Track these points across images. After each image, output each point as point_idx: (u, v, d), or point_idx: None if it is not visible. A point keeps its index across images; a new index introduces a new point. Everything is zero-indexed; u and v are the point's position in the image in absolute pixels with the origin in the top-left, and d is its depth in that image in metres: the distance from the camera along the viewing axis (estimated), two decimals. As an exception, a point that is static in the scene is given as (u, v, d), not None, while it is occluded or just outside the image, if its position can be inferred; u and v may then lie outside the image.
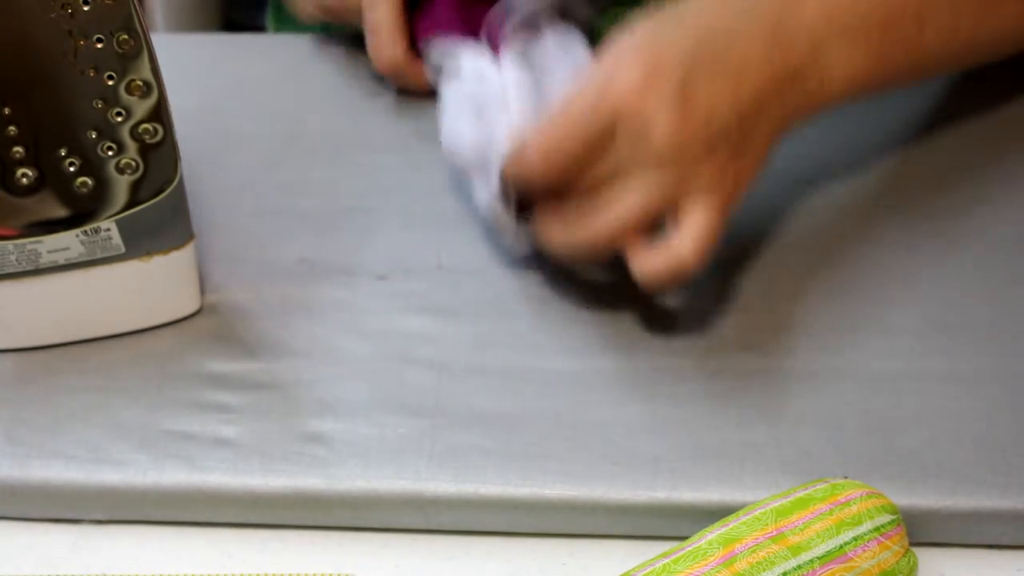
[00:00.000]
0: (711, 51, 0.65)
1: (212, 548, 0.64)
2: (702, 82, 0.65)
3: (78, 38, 0.61)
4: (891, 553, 0.59)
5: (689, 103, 0.65)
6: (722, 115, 0.65)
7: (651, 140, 0.64)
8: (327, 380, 0.68)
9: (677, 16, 0.67)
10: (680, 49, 0.65)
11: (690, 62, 0.65)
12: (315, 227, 0.76)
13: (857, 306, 0.72)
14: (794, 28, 0.67)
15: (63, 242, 0.65)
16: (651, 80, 0.64)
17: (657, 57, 0.65)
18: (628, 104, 0.64)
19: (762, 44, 0.67)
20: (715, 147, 0.66)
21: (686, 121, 0.64)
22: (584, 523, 0.64)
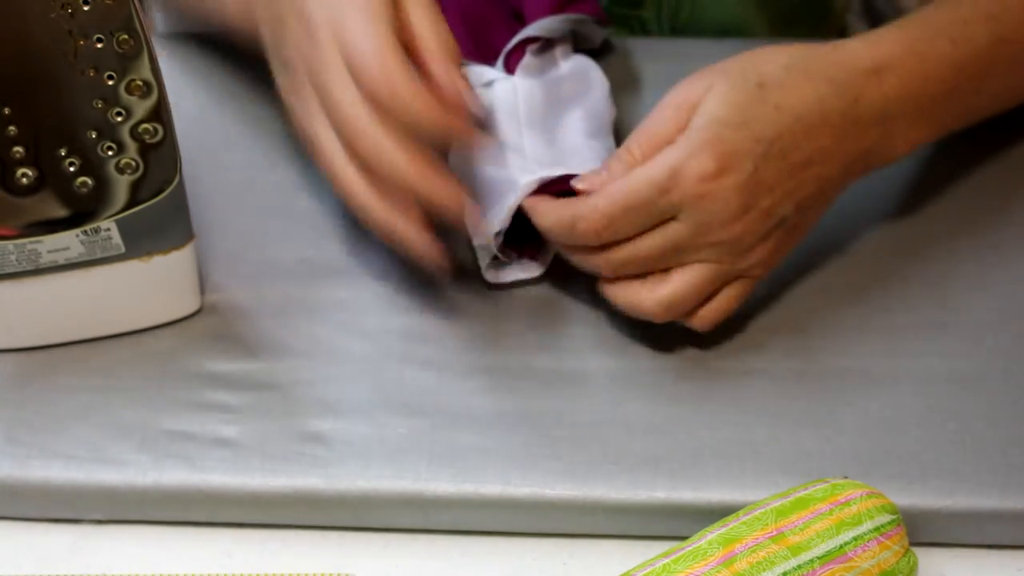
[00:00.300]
0: (787, 144, 0.66)
1: (212, 548, 0.64)
2: (769, 175, 0.66)
3: (78, 38, 0.61)
4: (891, 553, 0.59)
5: (754, 198, 0.66)
6: (784, 208, 0.67)
7: (712, 229, 0.66)
8: (327, 380, 0.68)
9: (762, 95, 0.66)
10: (756, 141, 0.65)
11: (763, 156, 0.65)
12: (315, 227, 0.75)
13: (857, 307, 0.72)
14: (869, 113, 0.68)
15: (63, 242, 0.65)
16: (723, 172, 0.65)
17: (733, 148, 0.65)
18: (696, 193, 0.65)
19: (838, 134, 0.67)
20: (771, 234, 0.67)
21: (748, 215, 0.66)
22: (584, 523, 0.64)
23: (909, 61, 0.69)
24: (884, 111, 0.69)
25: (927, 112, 0.70)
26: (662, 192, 0.65)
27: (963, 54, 0.71)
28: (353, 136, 0.65)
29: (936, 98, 0.70)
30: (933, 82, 0.70)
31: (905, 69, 0.69)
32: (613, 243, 0.67)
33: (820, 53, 0.69)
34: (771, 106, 0.66)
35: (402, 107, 0.63)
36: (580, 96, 0.75)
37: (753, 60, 0.68)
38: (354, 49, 0.64)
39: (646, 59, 0.85)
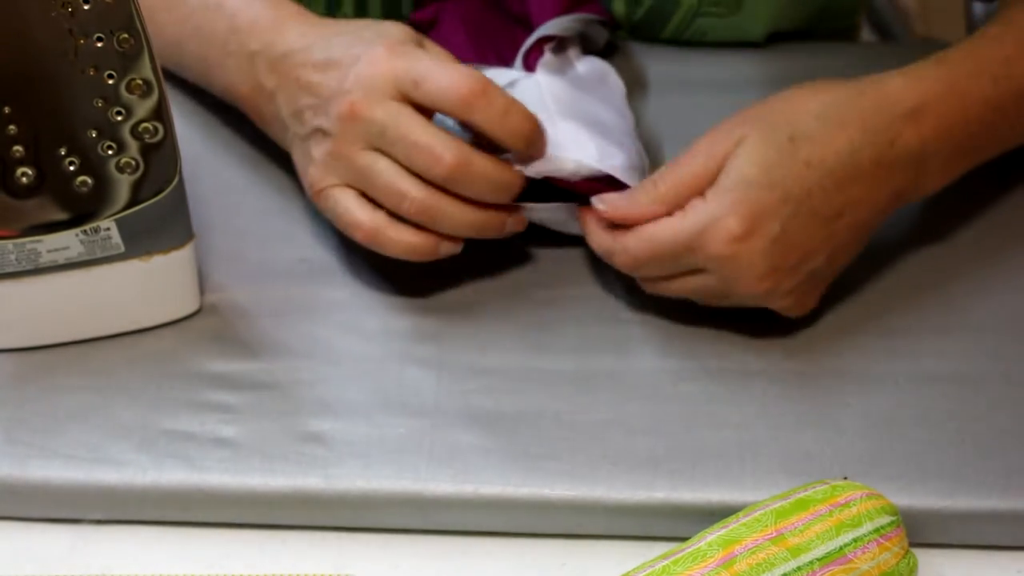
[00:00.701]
0: (816, 201, 0.66)
1: (211, 548, 0.64)
2: (798, 233, 0.66)
3: (79, 37, 0.61)
4: (891, 554, 0.59)
5: (780, 256, 0.66)
6: (814, 260, 0.67)
7: (739, 285, 0.66)
8: (327, 380, 0.68)
9: (792, 151, 0.66)
10: (784, 201, 0.65)
11: (791, 216, 0.65)
12: (315, 227, 0.75)
13: (857, 308, 0.72)
14: (906, 155, 0.68)
15: (63, 241, 0.65)
16: (748, 235, 0.65)
17: (760, 210, 0.65)
18: (723, 255, 0.65)
19: (870, 182, 0.67)
20: (800, 285, 0.68)
21: (775, 273, 0.66)
22: (584, 523, 0.64)
23: (950, 101, 0.69)
24: (921, 152, 0.68)
25: (963, 150, 0.70)
26: (688, 250, 0.66)
27: (1004, 92, 0.70)
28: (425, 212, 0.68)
29: (974, 136, 0.70)
30: (972, 123, 0.69)
31: (945, 109, 0.68)
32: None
33: (856, 95, 0.68)
34: (801, 163, 0.66)
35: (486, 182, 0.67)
36: (602, 94, 0.75)
37: (786, 109, 0.67)
38: (412, 147, 0.66)
39: (649, 62, 0.85)
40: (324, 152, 0.68)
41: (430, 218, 0.68)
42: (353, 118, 0.67)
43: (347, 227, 0.69)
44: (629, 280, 0.72)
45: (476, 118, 0.67)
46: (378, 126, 0.67)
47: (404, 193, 0.67)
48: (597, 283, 0.73)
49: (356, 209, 0.68)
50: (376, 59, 0.67)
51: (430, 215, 0.67)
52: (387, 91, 0.67)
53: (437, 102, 0.67)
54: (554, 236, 0.74)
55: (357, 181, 0.68)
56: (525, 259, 0.74)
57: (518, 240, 0.74)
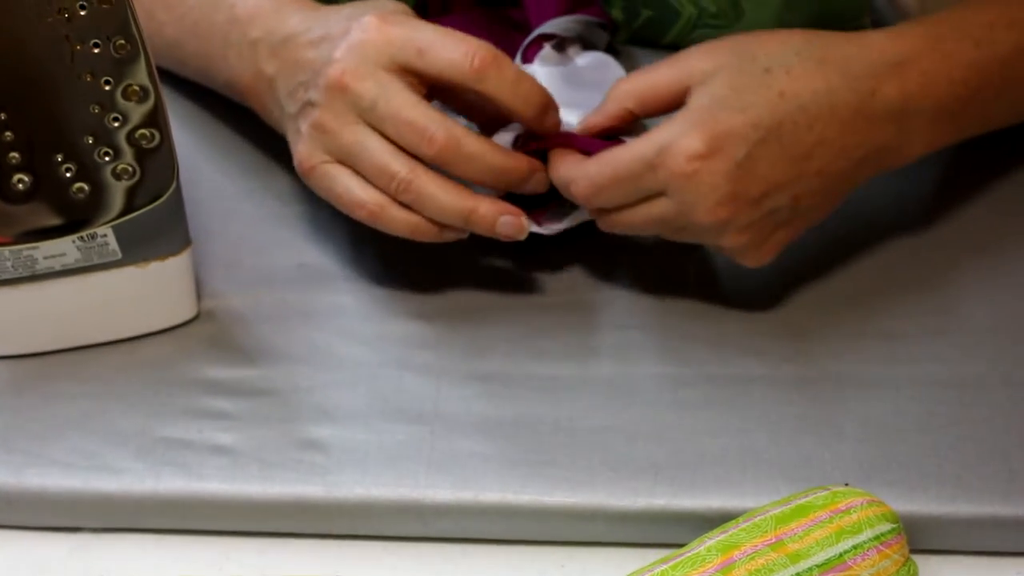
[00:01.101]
0: (786, 134, 0.65)
1: (210, 551, 0.64)
2: (763, 163, 0.65)
3: (75, 43, 0.60)
4: (891, 562, 0.59)
5: (742, 183, 0.64)
6: (777, 199, 0.66)
7: (697, 210, 0.65)
8: (325, 386, 0.68)
9: (767, 80, 0.65)
10: (752, 125, 0.64)
11: (757, 141, 0.64)
12: (313, 233, 0.75)
13: (857, 312, 0.72)
14: (886, 108, 0.67)
15: (59, 248, 0.65)
16: (711, 154, 0.64)
17: (726, 131, 0.64)
18: (683, 172, 0.64)
19: (847, 129, 0.66)
20: (761, 223, 0.66)
21: (734, 201, 0.65)
22: (584, 530, 0.64)
23: (933, 58, 0.68)
24: (903, 108, 0.67)
25: (947, 113, 0.69)
26: (649, 167, 0.65)
27: (986, 57, 0.69)
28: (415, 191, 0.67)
29: (957, 99, 0.69)
30: (955, 83, 0.68)
31: (929, 65, 0.67)
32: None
33: (838, 42, 0.67)
34: (775, 92, 0.65)
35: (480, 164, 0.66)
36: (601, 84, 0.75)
37: (765, 42, 0.66)
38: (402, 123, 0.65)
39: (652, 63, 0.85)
40: (310, 125, 0.67)
41: (416, 199, 0.66)
42: (342, 89, 0.66)
43: (347, 206, 0.68)
44: (629, 286, 0.72)
45: (487, 87, 0.66)
46: (368, 99, 0.66)
47: (393, 172, 0.66)
48: (596, 289, 0.73)
49: (356, 188, 0.67)
50: (368, 26, 0.66)
51: (416, 196, 0.66)
52: (380, 61, 0.66)
53: (445, 71, 0.66)
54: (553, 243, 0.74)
55: (345, 157, 0.67)
56: (524, 265, 0.74)
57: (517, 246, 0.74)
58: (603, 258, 0.74)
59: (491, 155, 0.67)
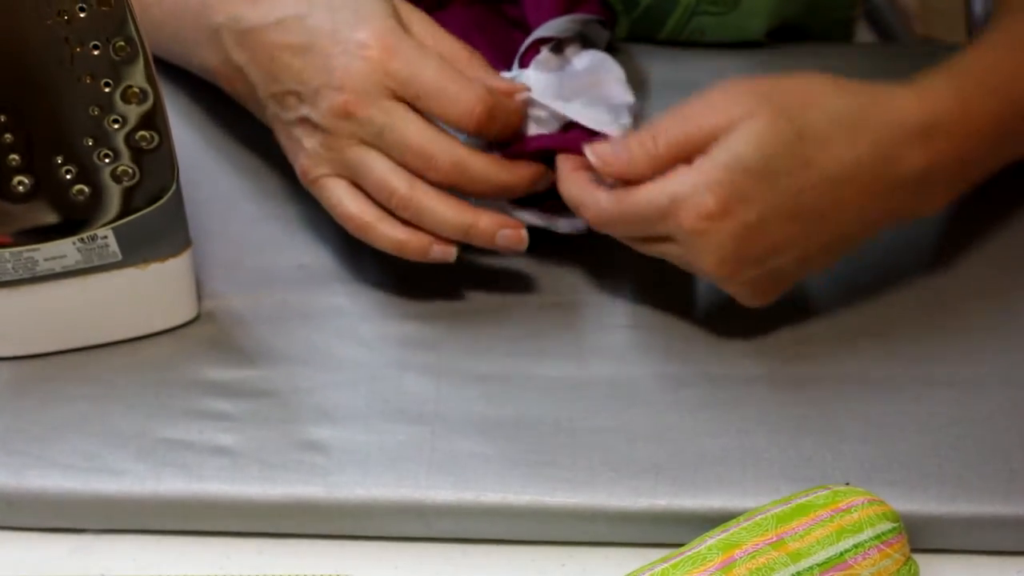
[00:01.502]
0: (805, 199, 0.64)
1: (211, 550, 0.64)
2: (774, 226, 0.64)
3: (74, 45, 0.60)
4: (892, 561, 0.59)
5: (751, 248, 0.64)
6: (781, 257, 0.66)
7: (701, 263, 0.65)
8: (325, 387, 0.68)
9: (798, 148, 0.64)
10: (772, 192, 0.64)
11: (773, 206, 0.64)
12: (313, 234, 0.75)
13: (856, 312, 0.72)
14: (911, 175, 0.65)
15: (60, 250, 0.65)
16: (724, 215, 0.63)
17: (743, 195, 0.63)
18: (692, 228, 0.64)
19: (865, 194, 0.65)
20: (760, 277, 0.66)
21: (739, 260, 0.65)
22: (585, 531, 0.64)
23: (960, 120, 0.66)
24: (926, 174, 0.66)
25: (969, 170, 0.68)
26: (660, 217, 0.65)
27: (1008, 109, 0.68)
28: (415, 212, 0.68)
29: (981, 155, 0.68)
30: (981, 140, 0.67)
31: (956, 128, 0.66)
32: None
33: (871, 105, 0.65)
34: (802, 161, 0.64)
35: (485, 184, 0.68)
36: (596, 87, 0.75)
37: (803, 100, 0.65)
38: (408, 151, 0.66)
39: (648, 64, 0.85)
40: (316, 144, 0.68)
41: (416, 214, 0.67)
42: (347, 116, 0.67)
43: (338, 218, 0.69)
44: (629, 286, 0.72)
45: (488, 135, 0.68)
46: (375, 127, 0.66)
47: (393, 188, 0.67)
48: (597, 290, 0.73)
49: (348, 201, 0.68)
50: (368, 56, 0.66)
51: (415, 212, 0.67)
52: (382, 92, 0.67)
53: (444, 119, 0.67)
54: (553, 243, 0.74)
55: (349, 172, 0.68)
56: (524, 266, 0.74)
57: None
58: (603, 258, 0.74)
59: (495, 173, 0.68)
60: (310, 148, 0.68)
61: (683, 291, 0.72)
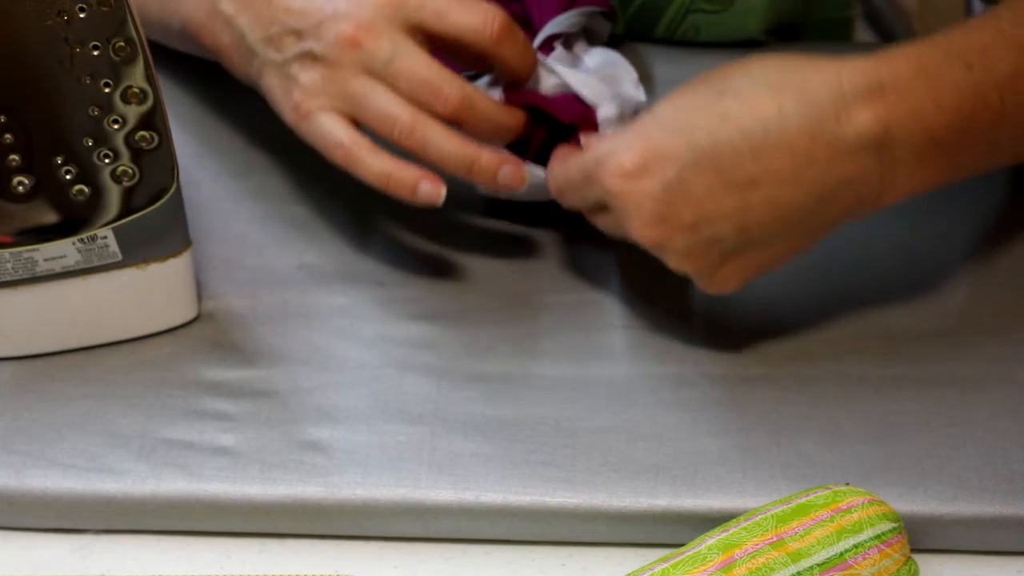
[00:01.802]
0: (725, 158, 0.62)
1: (211, 552, 0.64)
2: (697, 187, 0.62)
3: (74, 45, 0.60)
4: (892, 561, 0.59)
5: (672, 206, 0.62)
6: (717, 226, 0.63)
7: (632, 228, 0.64)
8: (326, 387, 0.68)
9: (714, 103, 0.62)
10: (686, 146, 0.62)
11: (691, 164, 0.62)
12: (313, 233, 0.75)
13: (857, 312, 0.72)
14: (858, 136, 0.61)
15: (60, 250, 0.65)
16: (639, 173, 0.62)
17: (658, 152, 0.62)
18: (611, 189, 0.63)
19: (801, 158, 0.62)
20: (703, 251, 0.64)
21: (664, 223, 0.63)
22: (585, 531, 0.64)
23: (917, 83, 0.62)
24: (882, 136, 0.61)
25: (938, 144, 0.63)
26: (587, 180, 0.65)
27: (980, 81, 0.62)
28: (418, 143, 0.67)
29: (949, 128, 0.62)
30: (945, 110, 0.62)
31: (911, 89, 0.62)
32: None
33: (803, 67, 0.62)
34: (717, 114, 0.62)
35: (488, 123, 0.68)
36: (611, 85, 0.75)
37: (735, 68, 0.64)
38: (417, 81, 0.66)
39: (647, 63, 0.85)
40: (315, 77, 0.67)
41: (420, 143, 0.67)
42: (355, 45, 0.66)
43: (327, 148, 0.68)
44: (630, 286, 0.72)
45: (503, 51, 0.68)
46: (383, 57, 0.66)
47: (396, 117, 0.66)
48: (596, 289, 0.73)
49: (339, 130, 0.67)
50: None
51: (420, 140, 0.67)
52: (395, 20, 0.66)
53: (463, 35, 0.67)
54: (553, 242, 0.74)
55: (348, 105, 0.67)
56: (524, 266, 0.74)
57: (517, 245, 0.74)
58: (603, 258, 0.74)
59: (500, 114, 0.68)
60: (307, 82, 0.67)
61: (683, 291, 0.72)
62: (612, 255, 0.74)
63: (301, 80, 0.68)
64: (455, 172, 0.68)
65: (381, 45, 0.66)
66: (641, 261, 0.74)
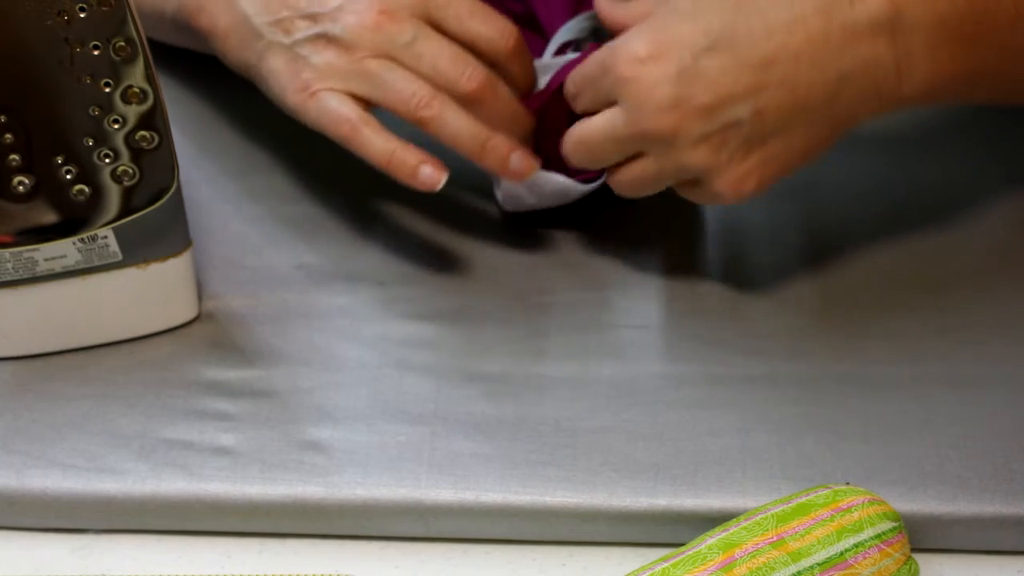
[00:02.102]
0: (740, 39, 0.62)
1: (211, 551, 0.64)
2: (713, 69, 0.62)
3: (74, 45, 0.60)
4: (892, 560, 0.59)
5: (687, 88, 0.63)
6: (734, 109, 0.63)
7: (643, 118, 0.64)
8: (326, 387, 0.68)
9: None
10: (702, 31, 0.63)
11: (706, 47, 0.63)
12: (313, 233, 0.75)
13: (857, 311, 0.72)
14: (870, 17, 0.62)
15: (60, 250, 0.65)
16: (653, 58, 0.63)
17: (672, 36, 0.63)
18: (625, 75, 0.63)
19: (817, 38, 0.63)
20: (721, 137, 0.64)
21: (679, 107, 0.63)
22: (585, 530, 0.64)
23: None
24: (893, 18, 0.62)
25: (952, 33, 0.63)
26: (603, 70, 0.65)
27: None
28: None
29: (962, 21, 0.63)
30: (958, 2, 0.63)
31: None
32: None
33: None
34: (732, 1, 0.63)
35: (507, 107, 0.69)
36: None
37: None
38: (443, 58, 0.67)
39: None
40: (330, 56, 0.68)
41: (437, 115, 0.67)
42: (377, 28, 0.67)
43: (333, 123, 0.68)
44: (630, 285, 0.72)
45: (513, 66, 0.69)
46: (404, 39, 0.67)
47: (414, 91, 0.67)
48: (596, 289, 0.73)
49: (347, 107, 0.68)
50: None
51: (438, 113, 0.67)
52: (415, 11, 0.67)
53: (478, 42, 0.68)
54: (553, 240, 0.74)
55: (362, 84, 0.68)
56: (524, 266, 0.74)
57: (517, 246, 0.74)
58: (603, 258, 0.74)
59: (518, 102, 0.69)
60: (320, 63, 0.68)
61: (683, 290, 0.72)
62: (612, 255, 0.74)
63: (313, 60, 0.68)
64: (467, 150, 0.68)
65: (403, 28, 0.67)
66: (641, 260, 0.74)
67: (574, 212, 0.75)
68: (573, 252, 0.74)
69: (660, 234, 0.76)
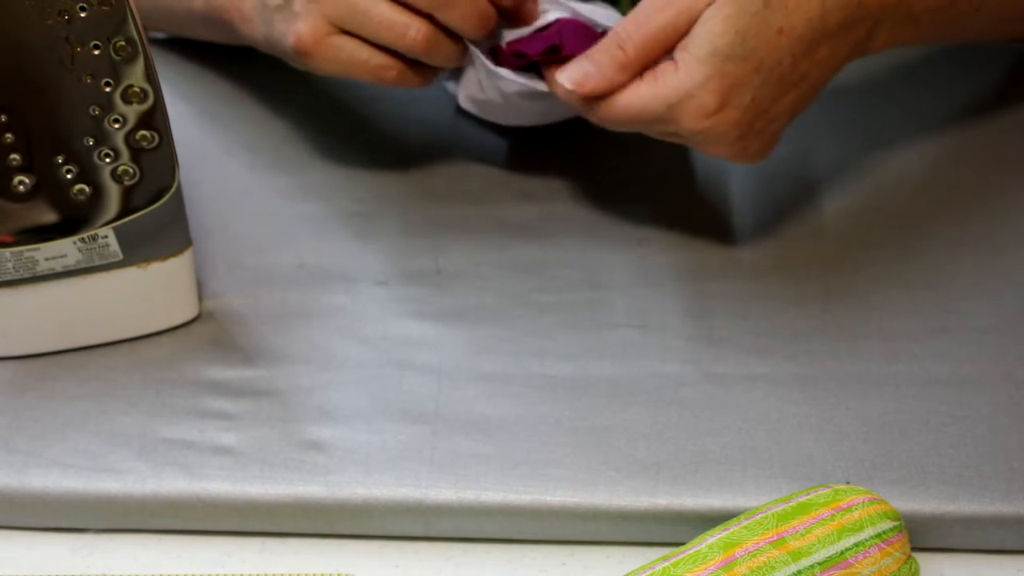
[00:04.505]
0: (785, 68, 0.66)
1: (211, 551, 0.64)
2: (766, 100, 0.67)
3: (75, 44, 0.60)
4: (892, 560, 0.59)
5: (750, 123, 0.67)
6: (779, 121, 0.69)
7: (712, 151, 0.68)
8: (326, 387, 0.68)
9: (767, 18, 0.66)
10: (757, 72, 0.66)
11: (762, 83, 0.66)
12: (314, 232, 0.75)
13: (857, 311, 0.72)
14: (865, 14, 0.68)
15: (60, 249, 0.65)
16: (723, 108, 0.66)
17: (733, 83, 0.66)
18: (696, 128, 0.66)
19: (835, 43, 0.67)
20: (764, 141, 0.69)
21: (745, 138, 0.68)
22: (586, 530, 0.64)
23: None
24: (879, 10, 0.68)
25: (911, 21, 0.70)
26: (662, 123, 0.67)
27: None
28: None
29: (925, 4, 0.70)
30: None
31: None
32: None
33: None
34: (774, 30, 0.66)
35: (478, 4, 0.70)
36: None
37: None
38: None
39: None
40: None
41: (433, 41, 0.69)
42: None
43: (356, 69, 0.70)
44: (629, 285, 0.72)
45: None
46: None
47: (408, 22, 0.68)
48: (596, 289, 0.73)
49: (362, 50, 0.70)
50: None
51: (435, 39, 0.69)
52: None
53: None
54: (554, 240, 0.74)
55: (350, 21, 0.69)
56: (524, 265, 0.74)
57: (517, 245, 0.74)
58: (603, 257, 0.74)
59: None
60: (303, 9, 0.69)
61: (684, 290, 0.72)
62: (613, 254, 0.74)
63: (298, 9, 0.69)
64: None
65: None
66: (641, 260, 0.74)
67: (574, 212, 0.75)
68: (574, 251, 0.74)
69: (660, 234, 0.76)
